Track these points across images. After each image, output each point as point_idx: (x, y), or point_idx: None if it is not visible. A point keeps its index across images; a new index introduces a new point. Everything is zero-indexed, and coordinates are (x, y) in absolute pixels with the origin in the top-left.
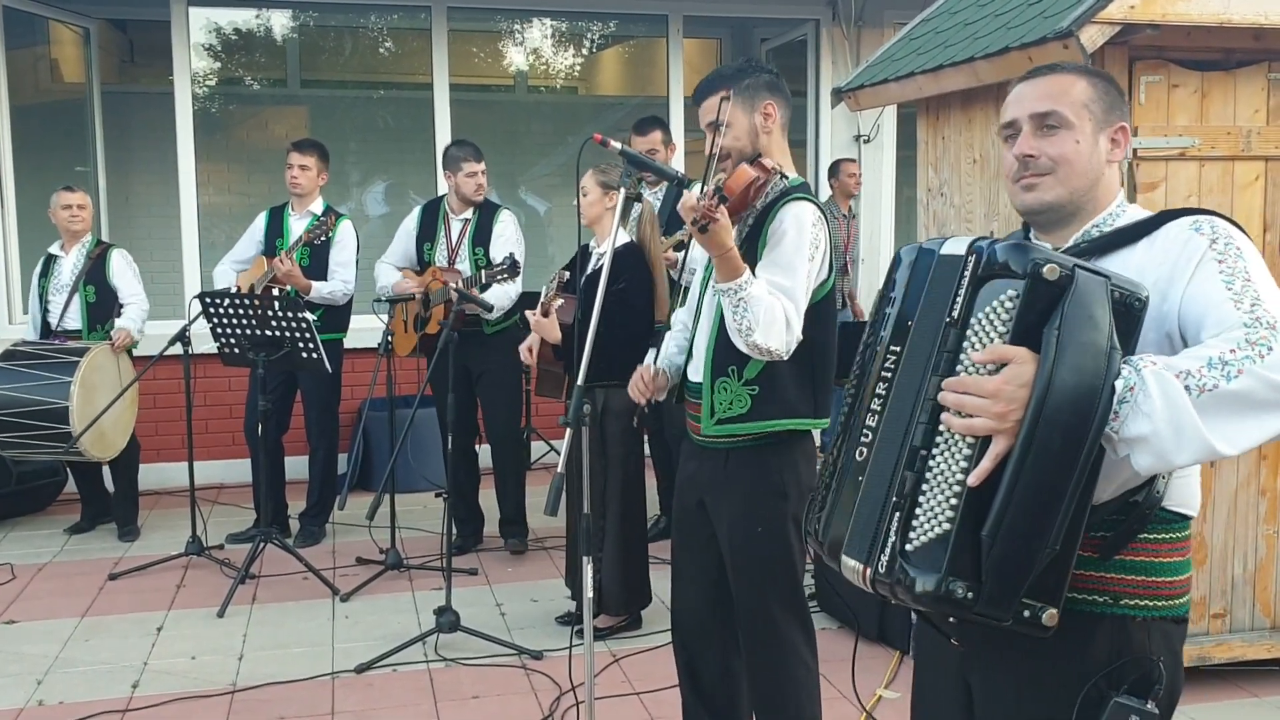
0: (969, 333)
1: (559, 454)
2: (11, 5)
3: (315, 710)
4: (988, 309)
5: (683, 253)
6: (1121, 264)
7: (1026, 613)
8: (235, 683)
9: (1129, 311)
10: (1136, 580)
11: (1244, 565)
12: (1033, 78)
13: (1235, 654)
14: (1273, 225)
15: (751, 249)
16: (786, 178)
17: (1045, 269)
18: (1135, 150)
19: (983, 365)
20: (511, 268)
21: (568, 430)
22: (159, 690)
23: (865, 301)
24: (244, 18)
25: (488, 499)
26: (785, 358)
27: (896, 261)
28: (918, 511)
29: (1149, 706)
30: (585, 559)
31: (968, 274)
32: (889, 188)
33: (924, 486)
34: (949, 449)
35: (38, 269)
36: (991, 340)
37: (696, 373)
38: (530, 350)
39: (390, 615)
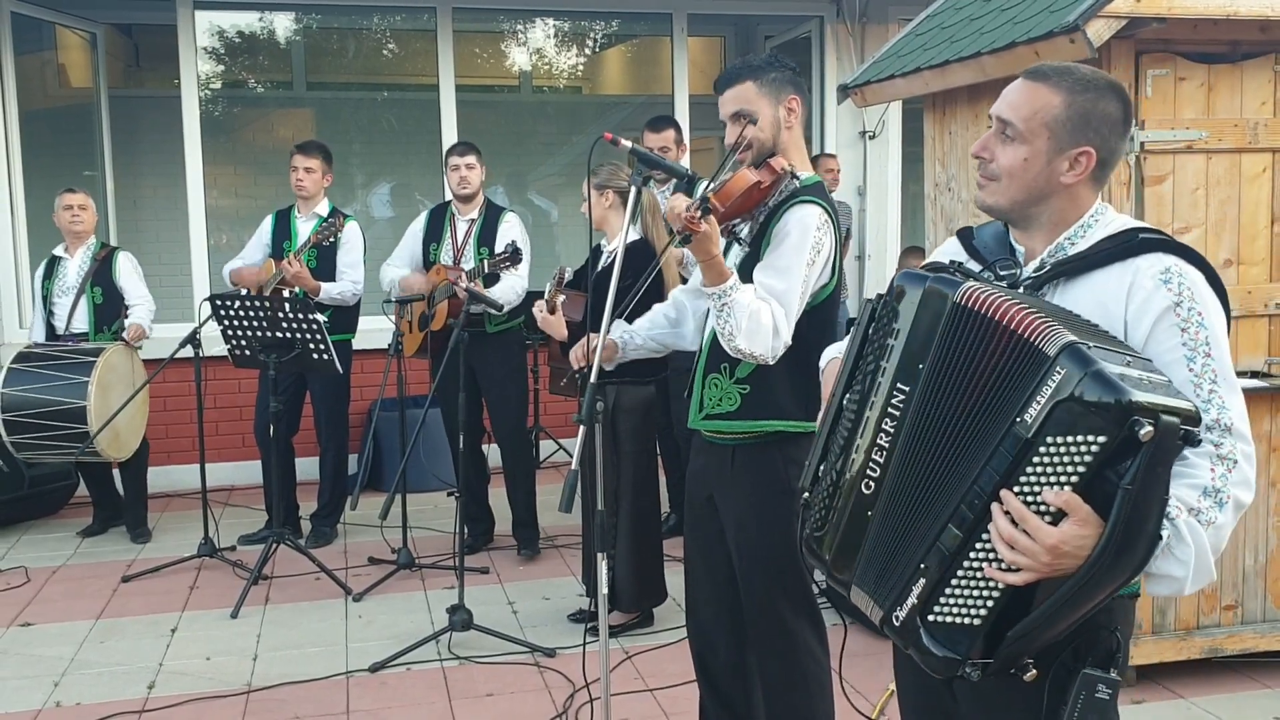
0: (1041, 450)
1: (568, 452)
2: (19, 11)
3: (331, 709)
4: (1067, 441)
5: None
6: (1092, 287)
7: (1013, 670)
8: (250, 683)
9: (1186, 445)
10: None
11: (1255, 557)
12: (1024, 78)
13: (1247, 645)
14: None
15: (757, 249)
16: (798, 178)
17: (1142, 433)
18: (1142, 144)
19: (1048, 506)
20: (514, 255)
21: (581, 427)
22: (175, 691)
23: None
24: (249, 21)
25: (498, 497)
26: (771, 362)
27: (901, 292)
28: (947, 590)
29: (1113, 675)
30: (600, 555)
31: (1051, 386)
32: (894, 184)
33: (958, 571)
34: (992, 549)
35: (40, 271)
36: (1062, 478)
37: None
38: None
39: (403, 614)
